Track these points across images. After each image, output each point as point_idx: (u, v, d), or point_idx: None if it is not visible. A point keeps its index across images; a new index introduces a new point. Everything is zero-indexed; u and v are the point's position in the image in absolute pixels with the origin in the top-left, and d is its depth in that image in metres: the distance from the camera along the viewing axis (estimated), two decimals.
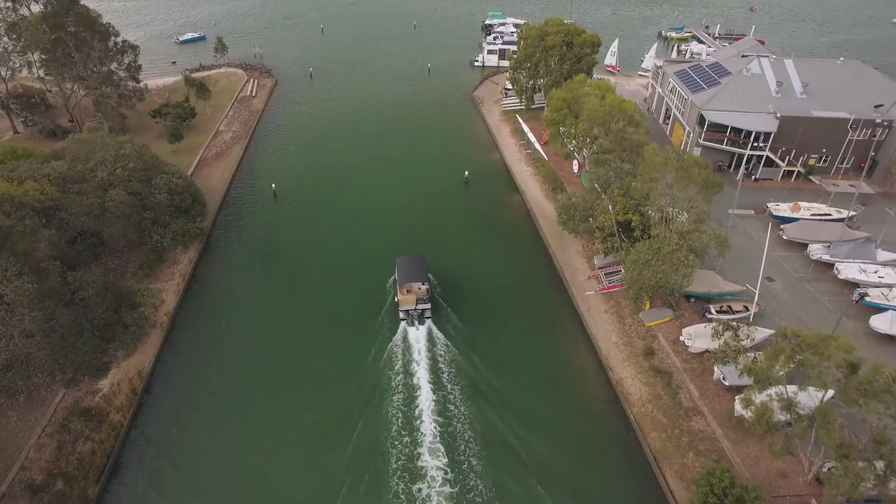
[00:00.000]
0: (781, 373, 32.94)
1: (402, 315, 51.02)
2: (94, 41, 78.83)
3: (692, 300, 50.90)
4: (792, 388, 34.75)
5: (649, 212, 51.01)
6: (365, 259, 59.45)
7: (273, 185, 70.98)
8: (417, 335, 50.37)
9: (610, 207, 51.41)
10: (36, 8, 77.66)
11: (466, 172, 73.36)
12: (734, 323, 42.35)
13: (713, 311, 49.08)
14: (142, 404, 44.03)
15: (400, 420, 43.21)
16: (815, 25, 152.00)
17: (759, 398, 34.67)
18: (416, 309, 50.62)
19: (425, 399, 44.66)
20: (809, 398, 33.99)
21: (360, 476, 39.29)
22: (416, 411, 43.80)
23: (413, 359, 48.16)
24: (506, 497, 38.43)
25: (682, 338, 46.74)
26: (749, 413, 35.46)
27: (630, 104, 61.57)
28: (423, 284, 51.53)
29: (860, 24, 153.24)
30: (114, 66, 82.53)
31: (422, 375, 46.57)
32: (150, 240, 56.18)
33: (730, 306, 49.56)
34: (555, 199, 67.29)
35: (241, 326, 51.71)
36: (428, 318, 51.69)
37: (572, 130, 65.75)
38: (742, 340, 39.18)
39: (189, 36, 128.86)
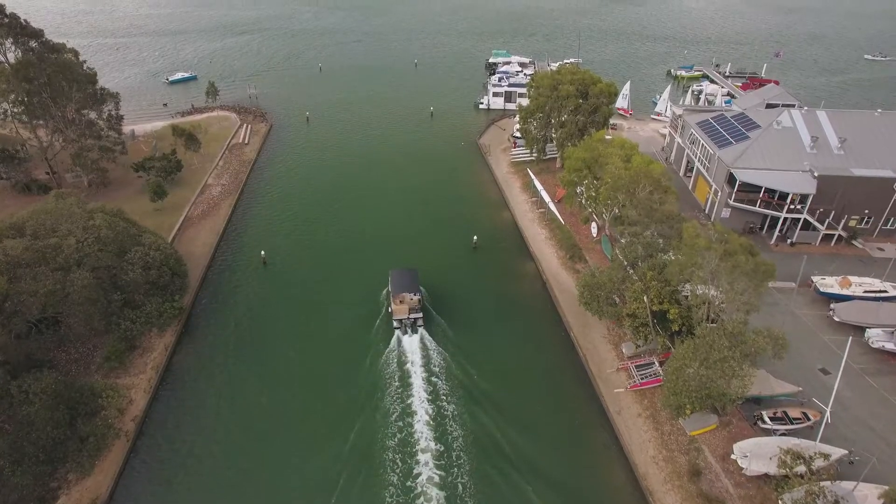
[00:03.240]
0: None
1: (395, 324, 52.67)
2: (72, 91, 73.55)
3: (739, 403, 43.92)
4: None
5: (688, 298, 44.42)
6: (361, 343, 52.48)
7: (262, 253, 64.23)
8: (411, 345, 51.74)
9: (645, 298, 44.70)
10: (13, 55, 72.38)
11: (475, 237, 66.69)
12: (807, 451, 35.64)
13: (766, 418, 42.21)
14: None
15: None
16: (825, 64, 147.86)
17: None
18: (408, 318, 52.06)
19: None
20: None
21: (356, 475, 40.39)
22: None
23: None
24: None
25: (733, 455, 39.73)
26: None
27: (658, 167, 55.70)
28: (416, 295, 53.11)
29: (872, 65, 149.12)
30: (93, 115, 77.18)
31: None
32: (118, 327, 49.46)
33: (785, 412, 42.71)
34: (573, 269, 60.85)
35: (221, 432, 44.45)
36: (420, 326, 52.95)
37: (592, 193, 59.77)
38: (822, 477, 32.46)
39: (180, 76, 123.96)
